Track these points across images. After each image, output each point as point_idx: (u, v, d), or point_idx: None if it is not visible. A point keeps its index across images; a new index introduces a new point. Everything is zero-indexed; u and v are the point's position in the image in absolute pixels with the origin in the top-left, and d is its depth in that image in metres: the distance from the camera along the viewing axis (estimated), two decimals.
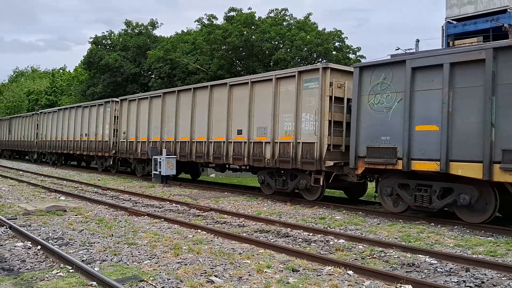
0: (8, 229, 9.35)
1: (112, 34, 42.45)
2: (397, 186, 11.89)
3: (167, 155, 19.79)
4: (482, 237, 9.57)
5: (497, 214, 10.89)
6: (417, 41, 31.70)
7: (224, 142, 17.26)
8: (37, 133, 35.72)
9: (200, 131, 18.63)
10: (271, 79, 15.32)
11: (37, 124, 35.58)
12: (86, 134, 28.02)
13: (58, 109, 32.35)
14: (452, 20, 25.93)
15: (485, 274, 6.83)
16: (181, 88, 21.12)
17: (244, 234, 9.63)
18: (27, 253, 7.71)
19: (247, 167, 17.35)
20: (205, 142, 18.27)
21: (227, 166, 18.57)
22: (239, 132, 16.65)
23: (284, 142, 14.81)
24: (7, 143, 44.29)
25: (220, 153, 17.45)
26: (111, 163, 26.14)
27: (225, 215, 12.06)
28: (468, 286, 6.32)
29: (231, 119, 17.05)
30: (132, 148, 23.35)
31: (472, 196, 10.44)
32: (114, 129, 25.39)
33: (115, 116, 25.45)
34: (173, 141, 20.21)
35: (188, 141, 19.20)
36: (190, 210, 13.05)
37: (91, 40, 41.69)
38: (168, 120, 20.86)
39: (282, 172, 15.15)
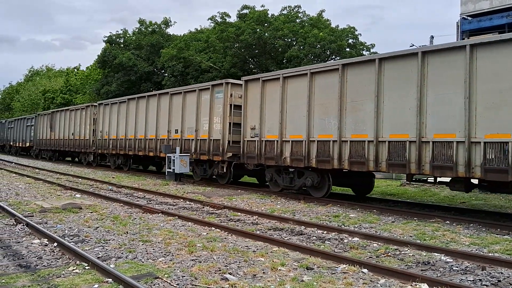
0: (25, 227, 9.47)
1: (126, 33, 42.71)
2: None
3: (180, 152, 19.89)
4: (498, 235, 9.47)
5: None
6: (432, 37, 31.45)
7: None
8: (94, 130, 29.72)
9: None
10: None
11: (94, 119, 29.78)
12: (177, 130, 20.93)
13: (128, 99, 25.96)
14: (467, 16, 25.62)
15: (502, 273, 6.75)
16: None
17: (258, 232, 9.64)
18: (44, 250, 7.80)
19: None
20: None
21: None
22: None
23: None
24: (47, 142, 37.58)
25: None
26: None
27: (239, 213, 12.08)
28: (484, 285, 6.26)
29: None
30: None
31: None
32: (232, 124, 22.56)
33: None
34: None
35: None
36: (203, 208, 13.10)
37: (105, 39, 42.02)
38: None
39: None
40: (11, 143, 48.68)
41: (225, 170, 18.22)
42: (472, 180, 11.36)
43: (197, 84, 20.89)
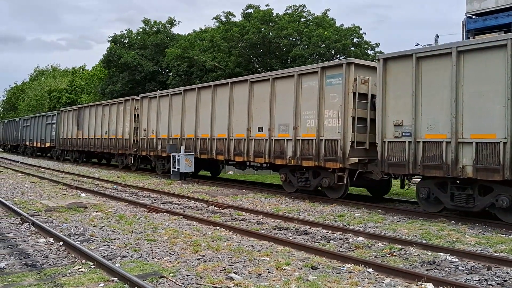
0: (31, 226, 9.52)
1: (131, 33, 42.80)
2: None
3: (186, 152, 19.91)
4: (504, 235, 9.43)
5: None
6: (437, 36, 31.35)
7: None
8: (135, 128, 25.41)
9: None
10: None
11: (136, 115, 25.49)
12: (261, 128, 16.67)
13: (184, 90, 21.51)
14: (473, 15, 25.52)
15: (507, 273, 6.72)
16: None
17: (263, 231, 9.65)
18: (50, 249, 7.84)
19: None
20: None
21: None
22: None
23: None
24: (73, 142, 33.33)
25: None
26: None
27: (244, 212, 12.09)
28: (490, 284, 6.24)
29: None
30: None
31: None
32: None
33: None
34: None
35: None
36: (208, 207, 13.12)
37: (110, 39, 42.10)
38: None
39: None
40: (27, 143, 44.50)
41: (345, 181, 13.59)
42: None
43: (295, 68, 16.27)
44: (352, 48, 31.80)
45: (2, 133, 56.64)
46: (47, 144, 38.56)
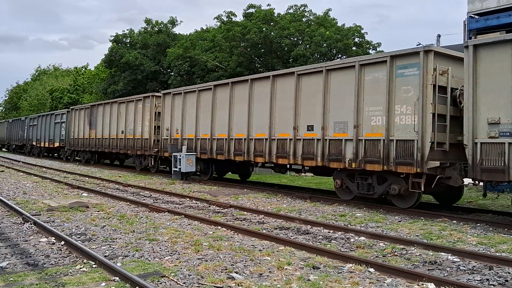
0: (32, 225, 9.52)
1: (133, 32, 42.85)
2: None
3: (187, 152, 19.94)
4: (506, 235, 9.41)
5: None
6: (438, 36, 31.30)
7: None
8: (156, 127, 23.40)
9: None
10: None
11: (157, 113, 23.49)
12: (311, 127, 14.76)
13: (215, 85, 19.46)
14: (474, 14, 25.47)
15: (509, 272, 6.71)
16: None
17: (264, 231, 9.65)
18: (51, 248, 7.84)
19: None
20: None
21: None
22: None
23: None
24: (85, 142, 31.35)
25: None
26: None
27: (245, 212, 12.09)
28: (491, 284, 6.23)
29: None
30: None
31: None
32: None
33: None
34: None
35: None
36: (210, 206, 13.12)
37: (112, 38, 42.17)
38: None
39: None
40: (34, 143, 42.48)
41: (421, 188, 11.84)
42: None
43: (355, 58, 14.49)
44: (354, 48, 31.80)
45: (7, 132, 54.79)
46: (56, 144, 36.70)
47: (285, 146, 15.50)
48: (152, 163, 24.00)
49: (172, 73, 37.05)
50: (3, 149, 59.14)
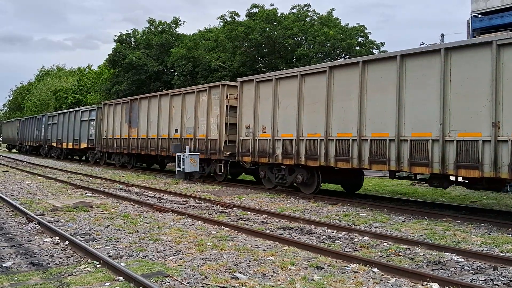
0: (37, 225, 9.56)
1: (136, 32, 42.93)
2: None
3: (190, 152, 19.94)
4: (510, 235, 9.38)
5: None
6: (442, 35, 31.21)
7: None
8: (227, 124, 18.89)
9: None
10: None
11: (228, 106, 18.90)
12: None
13: (331, 66, 14.33)
14: (478, 14, 25.41)
15: None
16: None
17: (268, 231, 9.65)
18: (56, 248, 7.87)
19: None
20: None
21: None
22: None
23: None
24: (123, 143, 26.82)
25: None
26: None
27: (248, 212, 12.09)
28: (496, 284, 6.21)
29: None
30: None
31: None
32: None
33: None
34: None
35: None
36: (213, 206, 13.13)
37: (116, 38, 42.25)
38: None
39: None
40: (53, 144, 38.04)
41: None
42: None
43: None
44: (357, 48, 31.75)
45: (18, 132, 50.20)
46: (83, 145, 32.16)
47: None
48: (221, 170, 19.19)
49: (176, 73, 37.07)
50: (13, 150, 56.91)
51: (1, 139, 73.71)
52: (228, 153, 18.73)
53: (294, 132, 15.20)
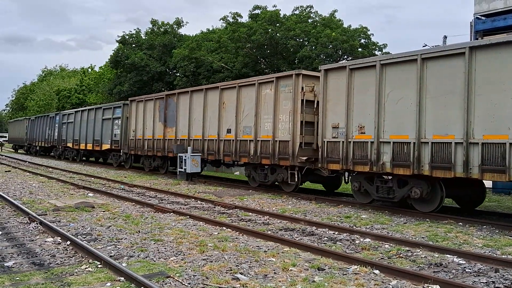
0: (38, 225, 9.57)
1: (139, 33, 42.99)
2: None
3: (193, 152, 19.94)
4: None
5: None
6: (445, 37, 31.21)
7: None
8: (302, 122, 15.55)
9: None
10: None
11: (304, 101, 15.43)
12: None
13: (450, 53, 11.30)
14: (481, 15, 25.37)
15: None
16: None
17: (269, 232, 9.65)
18: (57, 248, 7.88)
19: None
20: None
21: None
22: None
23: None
24: (156, 145, 23.52)
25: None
26: None
27: (250, 213, 12.09)
28: (497, 287, 6.20)
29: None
30: None
31: None
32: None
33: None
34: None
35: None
36: (215, 207, 13.13)
37: (118, 39, 42.30)
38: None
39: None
40: (69, 144, 34.72)
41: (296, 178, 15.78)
42: None
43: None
44: (360, 49, 31.74)
45: (28, 132, 46.78)
46: (105, 146, 28.92)
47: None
48: (295, 179, 15.83)
49: (178, 74, 37.10)
50: (19, 151, 53.22)
51: (7, 139, 73.09)
52: (305, 158, 15.38)
53: (412, 133, 11.95)
